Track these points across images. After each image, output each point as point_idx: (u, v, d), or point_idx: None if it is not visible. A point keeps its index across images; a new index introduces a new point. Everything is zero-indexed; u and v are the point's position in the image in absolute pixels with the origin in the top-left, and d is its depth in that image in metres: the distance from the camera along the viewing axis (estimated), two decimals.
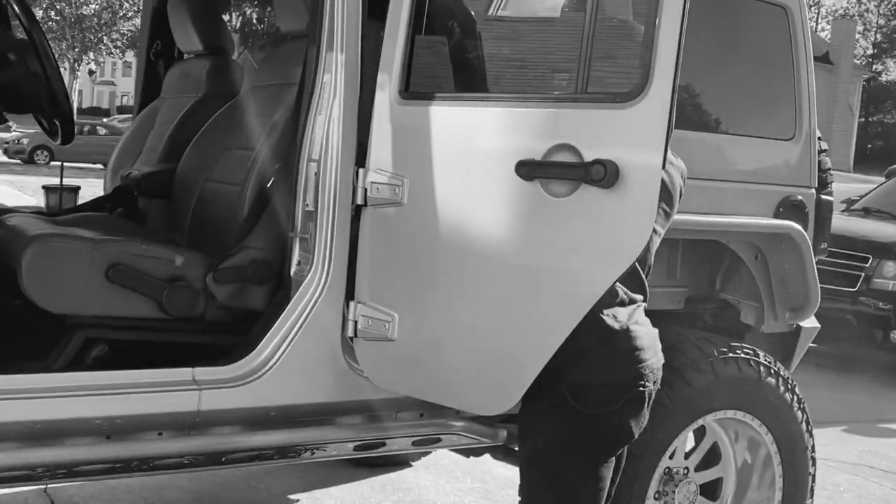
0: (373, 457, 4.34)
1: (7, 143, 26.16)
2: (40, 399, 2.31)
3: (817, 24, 62.17)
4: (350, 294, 2.63)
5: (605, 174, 2.09)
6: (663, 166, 2.07)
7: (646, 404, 2.37)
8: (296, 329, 2.57)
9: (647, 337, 2.36)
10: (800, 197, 3.45)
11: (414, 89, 2.53)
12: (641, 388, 2.32)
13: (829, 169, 3.84)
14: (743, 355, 3.10)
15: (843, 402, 6.97)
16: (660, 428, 2.90)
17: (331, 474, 4.42)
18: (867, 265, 7.79)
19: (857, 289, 7.80)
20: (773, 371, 3.16)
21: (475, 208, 2.39)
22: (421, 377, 2.56)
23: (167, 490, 4.08)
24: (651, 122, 2.08)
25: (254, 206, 2.72)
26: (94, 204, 3.47)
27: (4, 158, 26.46)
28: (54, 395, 2.33)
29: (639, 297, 2.43)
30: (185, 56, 3.82)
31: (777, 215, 3.38)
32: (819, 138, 3.81)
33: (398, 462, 4.57)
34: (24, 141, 26.41)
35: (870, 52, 63.03)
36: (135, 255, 2.58)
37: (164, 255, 2.63)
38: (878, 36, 62.88)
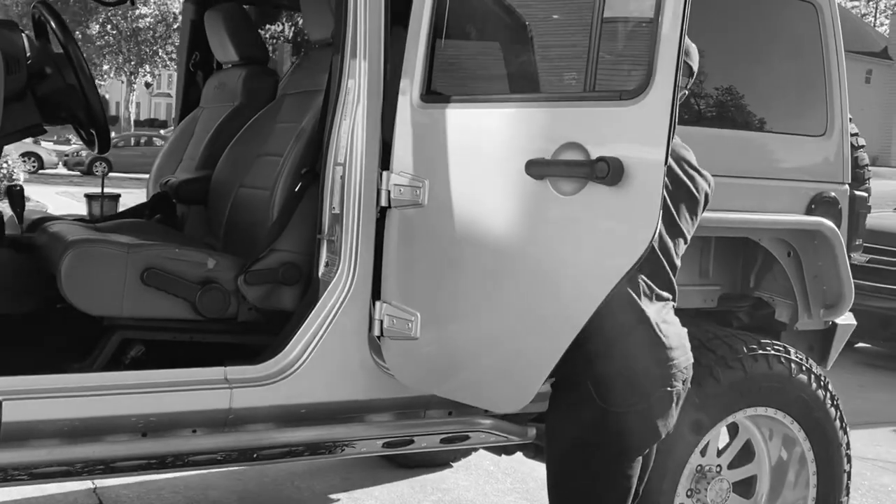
0: (413, 458, 4.45)
1: (67, 155, 26.88)
2: (79, 398, 2.41)
3: (875, 20, 60.85)
4: (377, 294, 2.69)
5: (608, 171, 2.12)
6: (666, 162, 2.08)
7: (674, 404, 2.36)
8: (324, 329, 2.64)
9: (676, 336, 2.36)
10: (832, 193, 3.43)
11: (434, 93, 2.59)
12: (669, 388, 2.33)
13: (866, 165, 3.80)
14: (773, 352, 3.09)
15: None
16: (689, 425, 2.91)
17: (372, 475, 4.49)
18: None
19: None
20: (804, 368, 3.15)
21: (489, 207, 2.44)
22: (441, 374, 2.62)
23: (212, 489, 4.18)
24: (654, 119, 2.10)
25: (283, 210, 2.79)
26: (134, 211, 3.60)
27: (64, 171, 27.17)
28: (92, 394, 2.43)
29: (667, 295, 2.43)
30: (223, 66, 3.92)
31: (809, 212, 3.37)
32: (855, 134, 3.78)
33: (438, 463, 4.62)
34: (83, 153, 27.12)
35: None
36: (168, 259, 2.68)
37: (197, 258, 2.72)
38: None
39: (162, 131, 33.33)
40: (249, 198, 3.07)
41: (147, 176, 4.08)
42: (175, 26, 31.47)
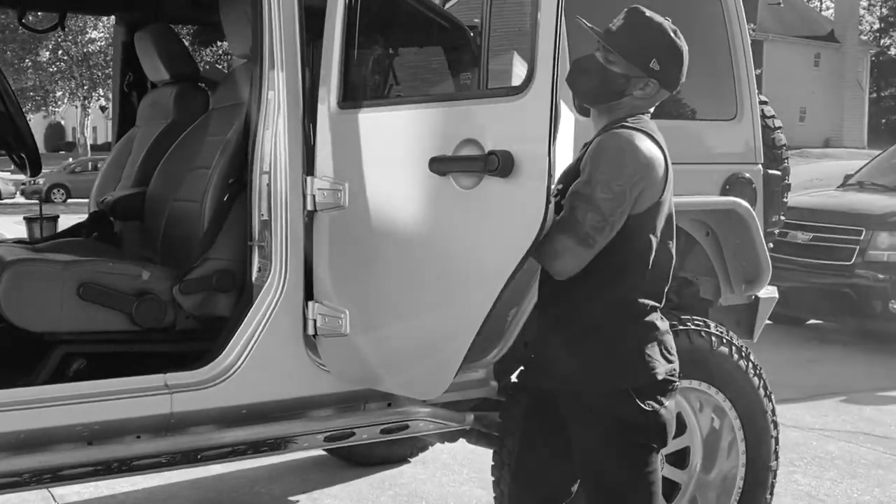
0: (371, 456, 4.57)
1: (24, 183, 26.64)
2: (24, 410, 2.51)
3: (821, 3, 61.84)
4: (310, 294, 2.81)
5: (498, 164, 2.27)
6: (549, 152, 2.22)
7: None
8: (259, 331, 2.76)
9: (672, 337, 2.49)
10: (746, 174, 3.59)
11: (349, 99, 2.73)
12: (678, 383, 2.46)
13: (783, 145, 3.97)
14: (693, 327, 3.24)
15: (844, 374, 7.05)
16: None
17: (330, 475, 4.60)
18: (861, 238, 7.85)
19: (852, 262, 7.86)
20: (724, 340, 3.30)
21: (400, 205, 2.60)
22: (370, 367, 2.75)
23: (173, 499, 4.27)
24: (537, 112, 2.24)
25: (213, 220, 2.91)
26: (72, 230, 3.70)
27: (23, 199, 26.96)
28: (36, 407, 2.53)
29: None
30: (156, 85, 4.02)
31: (724, 192, 3.53)
32: (772, 116, 3.95)
33: (396, 459, 4.74)
34: (41, 181, 26.87)
35: (876, 26, 62.66)
36: (103, 273, 2.78)
37: (131, 271, 2.83)
38: (884, 10, 62.46)
39: None
40: (183, 211, 3.18)
41: None
42: None
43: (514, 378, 3.27)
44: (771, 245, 3.82)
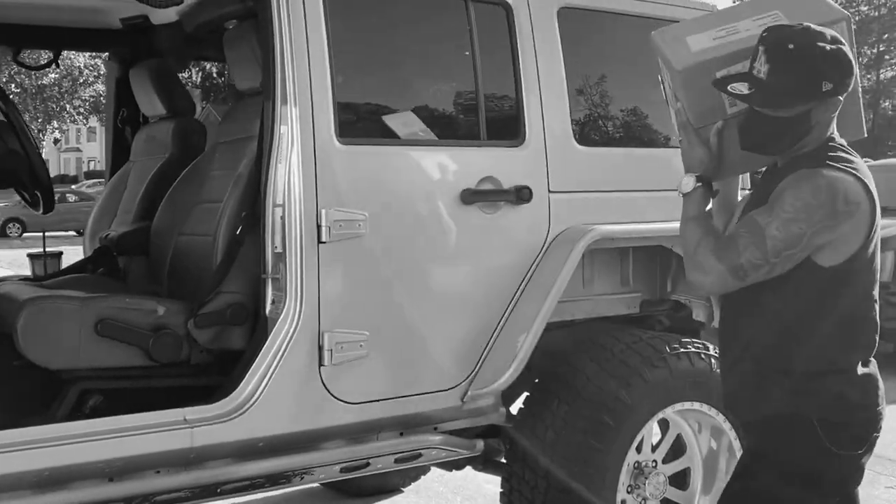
0: (364, 487, 4.57)
1: None
2: (46, 449, 2.50)
3: None
4: (323, 325, 2.85)
5: (530, 195, 3.16)
6: (548, 188, 3.19)
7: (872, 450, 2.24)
8: (275, 364, 2.77)
9: (882, 383, 2.24)
10: None
11: (356, 135, 2.92)
12: (877, 435, 2.21)
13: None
14: (694, 349, 3.32)
15: None
16: (623, 424, 3.13)
17: None
18: None
19: None
20: None
21: (428, 230, 3.03)
22: (394, 379, 2.97)
23: None
24: (535, 160, 3.18)
25: (226, 254, 2.93)
26: (77, 267, 3.69)
27: None
28: (58, 444, 2.51)
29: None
30: (151, 120, 4.04)
31: None
32: None
33: (389, 490, 4.74)
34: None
35: None
36: (120, 309, 2.79)
37: (148, 306, 2.84)
38: None
39: (73, 186, 32.62)
40: (190, 244, 3.19)
41: (64, 233, 4.15)
42: (80, 80, 31.06)
43: None
44: None
